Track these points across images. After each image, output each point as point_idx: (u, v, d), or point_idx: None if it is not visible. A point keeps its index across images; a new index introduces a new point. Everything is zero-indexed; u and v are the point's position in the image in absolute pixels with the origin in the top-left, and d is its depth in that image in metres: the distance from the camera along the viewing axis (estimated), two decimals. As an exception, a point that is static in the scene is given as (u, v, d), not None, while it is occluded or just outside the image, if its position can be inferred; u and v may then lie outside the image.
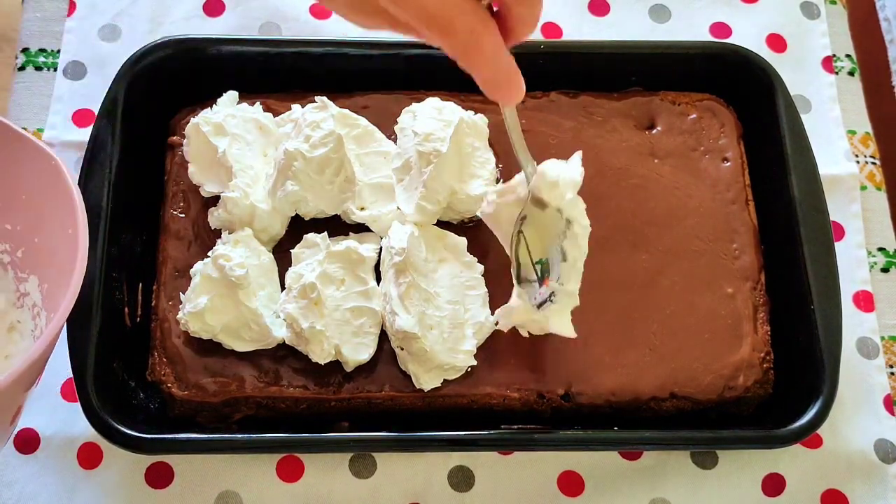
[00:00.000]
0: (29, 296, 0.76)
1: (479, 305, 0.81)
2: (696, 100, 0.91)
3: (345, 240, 0.81)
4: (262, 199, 0.82)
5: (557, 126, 0.89)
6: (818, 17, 1.03)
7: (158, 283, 0.83)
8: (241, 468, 0.82)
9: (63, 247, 0.69)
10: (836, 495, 0.83)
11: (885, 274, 0.93)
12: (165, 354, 0.80)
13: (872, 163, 0.97)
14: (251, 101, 0.87)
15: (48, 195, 0.72)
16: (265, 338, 0.79)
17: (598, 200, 0.86)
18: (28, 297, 0.76)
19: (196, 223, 0.84)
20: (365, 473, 0.82)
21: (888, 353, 0.89)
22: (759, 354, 0.82)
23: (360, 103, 0.88)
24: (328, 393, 0.79)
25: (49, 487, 0.81)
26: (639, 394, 0.81)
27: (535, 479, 0.83)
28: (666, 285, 0.84)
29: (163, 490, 0.81)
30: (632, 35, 1.01)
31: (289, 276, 0.81)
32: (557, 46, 0.94)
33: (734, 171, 0.89)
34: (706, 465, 0.84)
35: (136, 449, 0.77)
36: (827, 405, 0.79)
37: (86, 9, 1.00)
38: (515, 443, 0.80)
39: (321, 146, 0.81)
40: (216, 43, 0.90)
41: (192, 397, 0.79)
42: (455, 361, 0.78)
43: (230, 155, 0.82)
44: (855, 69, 1.02)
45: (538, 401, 0.80)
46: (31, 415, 0.83)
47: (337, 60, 0.90)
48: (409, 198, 0.82)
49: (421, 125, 0.82)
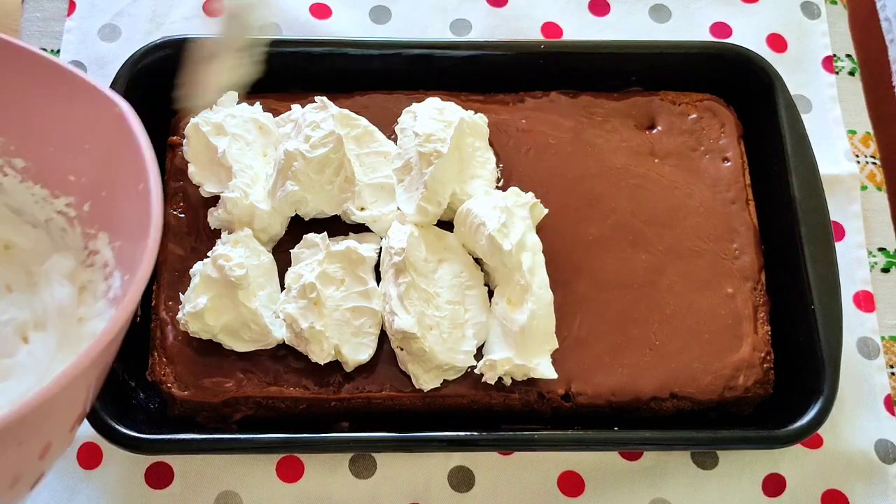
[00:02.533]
0: (99, 254, 0.73)
1: (479, 306, 0.81)
2: (696, 100, 0.91)
3: (345, 240, 0.81)
4: (262, 199, 0.82)
5: (557, 126, 0.89)
6: (818, 16, 1.03)
7: (158, 283, 0.83)
8: (241, 468, 0.82)
9: (134, 203, 0.65)
10: (836, 495, 0.83)
11: (886, 274, 0.93)
12: (165, 354, 0.80)
13: (872, 163, 0.97)
14: (251, 101, 0.87)
15: (114, 146, 0.68)
16: (265, 338, 0.79)
17: (598, 200, 0.86)
18: (98, 256, 0.73)
19: (196, 223, 0.84)
20: (365, 473, 0.82)
21: (888, 353, 0.89)
22: (759, 354, 0.82)
23: (360, 103, 0.88)
24: (328, 393, 0.79)
25: (49, 487, 0.81)
26: (639, 394, 0.80)
27: (535, 479, 0.83)
28: (666, 285, 0.84)
29: (163, 490, 0.81)
30: (632, 35, 1.01)
31: (288, 277, 0.81)
32: (557, 46, 0.94)
33: (734, 171, 0.88)
34: (706, 465, 0.84)
35: (136, 449, 0.77)
36: (827, 405, 0.79)
37: (86, 9, 1.00)
38: (515, 443, 0.80)
39: (321, 146, 0.81)
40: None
41: (192, 397, 0.79)
42: (455, 362, 0.78)
43: (230, 155, 0.82)
44: (855, 69, 1.02)
45: (538, 401, 0.80)
46: (31, 415, 0.83)
47: (337, 60, 0.90)
48: (409, 198, 0.82)
49: (422, 126, 0.82)
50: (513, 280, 0.78)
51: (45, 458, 0.62)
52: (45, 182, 0.74)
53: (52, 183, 0.74)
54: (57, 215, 0.75)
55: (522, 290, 0.78)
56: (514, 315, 0.78)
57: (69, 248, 0.75)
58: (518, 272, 0.78)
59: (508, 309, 0.78)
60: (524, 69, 0.91)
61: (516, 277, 0.78)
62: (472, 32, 1.01)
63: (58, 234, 0.76)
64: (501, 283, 0.80)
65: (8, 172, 0.75)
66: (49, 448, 0.62)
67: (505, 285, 0.79)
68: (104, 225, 0.72)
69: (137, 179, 0.65)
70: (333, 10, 1.01)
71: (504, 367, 0.77)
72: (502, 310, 0.79)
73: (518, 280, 0.78)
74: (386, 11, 1.02)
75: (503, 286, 0.80)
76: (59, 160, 0.73)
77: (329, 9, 1.01)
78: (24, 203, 0.76)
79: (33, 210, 0.76)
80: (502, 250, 0.77)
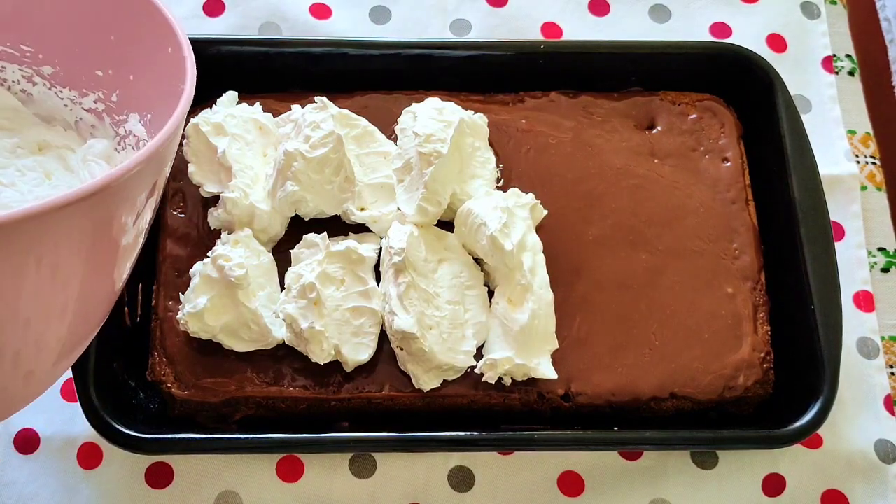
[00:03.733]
0: (130, 136, 0.74)
1: (479, 306, 0.81)
2: (696, 100, 0.91)
3: (344, 240, 0.81)
4: (262, 199, 0.82)
5: (557, 126, 0.89)
6: (818, 17, 1.03)
7: (158, 283, 0.83)
8: (241, 468, 0.82)
9: (163, 69, 0.67)
10: (836, 495, 0.83)
11: (885, 274, 0.93)
12: (165, 354, 0.80)
13: (872, 163, 0.97)
14: (251, 101, 0.87)
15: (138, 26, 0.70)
16: (265, 338, 0.79)
17: (598, 200, 0.86)
18: (130, 138, 0.75)
19: (196, 223, 0.84)
20: (365, 473, 0.82)
21: (888, 353, 0.89)
22: (759, 354, 0.82)
23: (360, 103, 0.88)
24: (328, 393, 0.79)
25: (49, 487, 0.81)
26: (639, 394, 0.80)
27: (535, 479, 0.83)
28: (666, 285, 0.84)
29: (163, 490, 0.81)
30: (632, 35, 1.01)
31: (288, 277, 0.81)
32: (557, 46, 0.94)
33: (734, 171, 0.88)
34: (706, 465, 0.84)
35: (136, 449, 0.77)
36: (827, 405, 0.79)
37: (86, 9, 1.00)
38: (515, 443, 0.80)
39: (321, 146, 0.81)
40: (216, 43, 0.90)
41: (192, 397, 0.79)
42: (454, 362, 0.78)
43: (230, 155, 0.82)
44: (855, 69, 1.02)
45: (538, 401, 0.80)
46: (31, 415, 0.83)
47: (337, 60, 0.90)
48: (409, 198, 0.82)
49: (422, 126, 0.82)
50: (514, 280, 0.78)
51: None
52: (73, 84, 0.76)
53: (81, 83, 0.76)
54: (87, 113, 0.77)
55: (523, 289, 0.78)
56: (515, 315, 0.78)
57: (103, 136, 0.77)
58: (519, 272, 0.78)
59: (509, 308, 0.78)
60: (524, 69, 0.91)
61: (517, 277, 0.78)
62: (472, 32, 1.01)
63: (88, 130, 0.78)
64: (502, 283, 0.80)
65: (37, 81, 0.77)
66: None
67: (506, 285, 0.79)
68: (133, 106, 0.74)
69: (165, 45, 0.68)
70: (333, 11, 1.01)
71: (504, 366, 0.77)
72: (503, 309, 0.79)
73: (519, 280, 0.78)
74: (386, 12, 1.02)
75: (504, 286, 0.80)
76: (86, 59, 0.74)
77: (329, 9, 1.01)
78: (53, 108, 0.78)
79: (63, 114, 0.78)
80: (504, 250, 0.77)
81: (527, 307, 0.77)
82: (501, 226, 0.78)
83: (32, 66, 0.76)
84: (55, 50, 0.75)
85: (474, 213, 0.80)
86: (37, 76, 0.76)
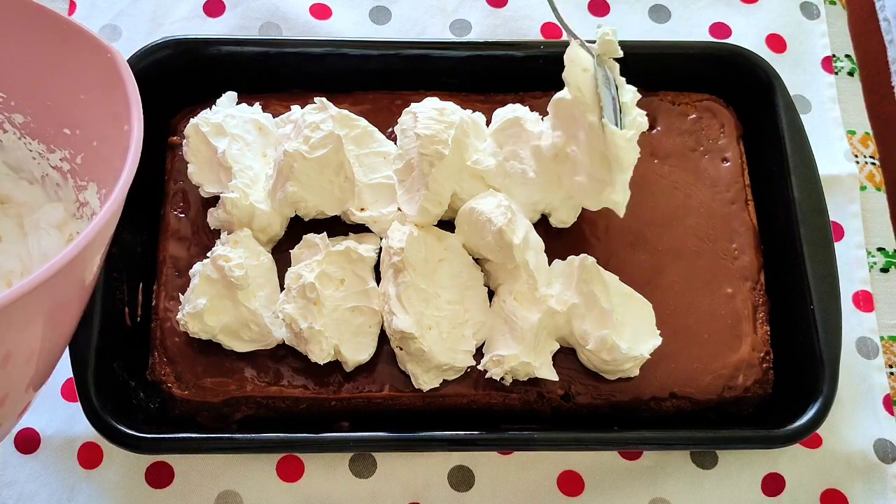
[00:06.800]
0: (87, 205, 0.75)
1: (479, 306, 0.81)
2: (696, 100, 0.92)
3: (344, 240, 0.82)
4: (262, 199, 0.82)
5: (557, 126, 0.89)
6: (818, 17, 1.03)
7: (158, 283, 0.83)
8: (241, 468, 0.82)
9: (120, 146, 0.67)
10: (835, 495, 0.83)
11: (885, 274, 0.93)
12: (165, 354, 0.80)
13: (872, 163, 0.97)
14: (251, 102, 0.87)
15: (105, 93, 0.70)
16: (264, 338, 0.79)
17: (597, 200, 0.86)
18: (87, 207, 0.75)
19: (196, 223, 0.84)
20: (365, 473, 0.82)
21: (888, 353, 0.89)
22: (758, 354, 0.82)
23: (359, 103, 0.88)
24: (328, 393, 0.79)
25: (49, 487, 0.81)
26: (638, 394, 0.81)
27: (535, 479, 0.83)
28: (665, 285, 0.84)
29: (163, 490, 0.81)
30: (632, 35, 1.01)
31: (288, 277, 0.81)
32: (557, 46, 0.94)
33: (734, 172, 0.89)
34: (706, 465, 0.84)
35: (136, 449, 0.77)
36: (826, 405, 0.79)
37: (86, 9, 1.00)
38: (515, 443, 0.80)
39: (320, 147, 0.81)
40: (216, 43, 0.90)
41: (192, 397, 0.79)
42: (454, 362, 0.78)
43: (229, 155, 0.82)
44: (855, 69, 1.02)
45: (538, 401, 0.80)
46: (32, 415, 0.83)
47: (337, 60, 0.90)
48: (411, 199, 0.82)
49: (423, 127, 0.82)
50: (520, 277, 0.78)
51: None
52: (42, 137, 0.76)
53: (49, 137, 0.76)
54: (52, 171, 0.77)
55: (530, 287, 0.78)
56: (525, 313, 0.78)
57: (62, 200, 0.77)
58: (525, 269, 0.78)
59: (518, 306, 0.78)
60: (524, 69, 0.91)
61: (524, 275, 0.78)
62: (472, 33, 1.01)
63: (52, 189, 0.78)
64: (507, 281, 0.80)
65: (7, 129, 0.77)
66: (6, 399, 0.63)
67: (512, 282, 0.79)
68: (94, 175, 0.74)
69: (123, 122, 0.67)
70: (333, 11, 1.01)
71: (511, 363, 0.77)
72: (510, 307, 0.78)
73: (526, 278, 0.78)
74: (386, 12, 1.02)
75: (509, 283, 0.80)
76: (56, 113, 0.74)
77: (329, 9, 1.01)
78: (21, 159, 0.78)
79: (31, 166, 0.78)
80: (512, 245, 0.77)
81: (538, 306, 0.77)
82: (507, 221, 0.78)
83: (4, 113, 0.76)
84: (27, 98, 0.75)
85: (478, 210, 0.80)
86: (7, 123, 0.76)
